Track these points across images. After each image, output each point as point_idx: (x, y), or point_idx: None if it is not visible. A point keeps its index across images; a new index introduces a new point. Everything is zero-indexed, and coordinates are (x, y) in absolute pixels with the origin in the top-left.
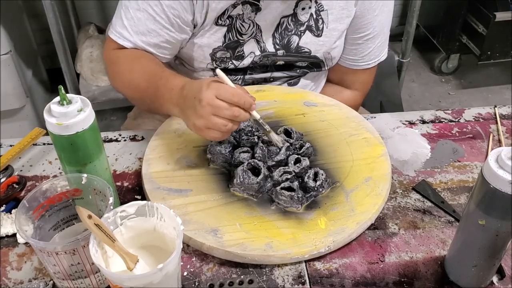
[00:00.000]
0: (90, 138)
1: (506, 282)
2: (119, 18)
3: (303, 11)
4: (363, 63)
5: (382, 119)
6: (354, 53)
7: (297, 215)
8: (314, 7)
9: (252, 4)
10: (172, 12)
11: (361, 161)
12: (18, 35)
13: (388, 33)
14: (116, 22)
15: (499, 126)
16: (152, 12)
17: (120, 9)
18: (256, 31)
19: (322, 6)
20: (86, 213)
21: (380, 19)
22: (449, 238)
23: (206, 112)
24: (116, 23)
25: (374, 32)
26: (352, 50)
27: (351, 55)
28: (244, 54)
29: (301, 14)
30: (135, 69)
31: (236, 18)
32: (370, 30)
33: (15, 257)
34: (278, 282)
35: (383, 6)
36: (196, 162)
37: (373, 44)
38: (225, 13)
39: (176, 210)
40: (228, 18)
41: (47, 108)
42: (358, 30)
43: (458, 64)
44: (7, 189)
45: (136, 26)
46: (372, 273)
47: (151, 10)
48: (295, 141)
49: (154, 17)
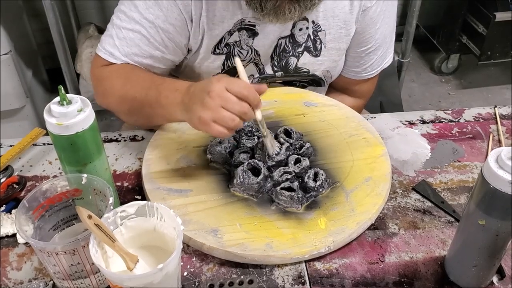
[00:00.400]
0: (90, 138)
1: (506, 282)
2: (109, 37)
3: (301, 31)
4: (366, 74)
5: (382, 119)
6: (356, 65)
7: (297, 215)
8: (311, 28)
9: (248, 30)
10: (166, 35)
11: (361, 161)
12: (18, 35)
13: (392, 40)
14: (107, 40)
15: (499, 126)
16: (146, 33)
17: (112, 28)
18: (254, 56)
19: (319, 27)
20: (86, 213)
21: (382, 31)
22: (449, 238)
23: (214, 104)
24: (107, 42)
25: (376, 44)
26: (355, 62)
27: (354, 67)
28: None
29: (298, 34)
30: (131, 81)
31: (233, 45)
32: (372, 43)
33: (15, 257)
34: (278, 282)
35: (384, 18)
36: (196, 162)
37: (376, 55)
38: (222, 41)
39: (176, 210)
40: (225, 46)
41: (47, 108)
42: (360, 44)
43: (458, 64)
44: (7, 189)
45: (128, 46)
46: (372, 273)
47: (144, 31)
48: (295, 141)
49: (148, 39)
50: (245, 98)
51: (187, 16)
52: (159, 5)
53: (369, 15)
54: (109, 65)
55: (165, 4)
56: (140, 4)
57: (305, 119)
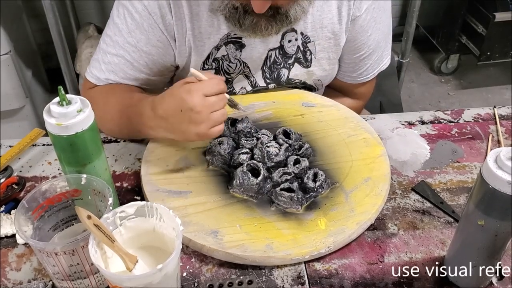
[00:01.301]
0: (90, 138)
1: (505, 282)
2: (96, 61)
3: (290, 43)
4: (362, 78)
5: (382, 120)
6: (351, 70)
7: (297, 216)
8: (300, 39)
9: (235, 42)
10: (150, 58)
11: (360, 161)
12: (18, 35)
13: (388, 43)
14: (94, 64)
15: (498, 127)
16: (129, 58)
17: (99, 52)
18: (243, 68)
19: (308, 38)
20: (85, 214)
21: (374, 37)
22: (448, 239)
23: (204, 115)
24: (94, 66)
25: (369, 50)
26: (349, 68)
27: (349, 72)
28: (235, 91)
29: (288, 46)
30: (109, 102)
31: (221, 59)
32: (365, 50)
33: (14, 258)
34: (278, 282)
35: (376, 24)
36: (195, 163)
37: (370, 60)
38: (210, 57)
39: (176, 212)
40: (214, 61)
41: (47, 109)
42: (352, 51)
43: (457, 64)
44: (7, 190)
45: (114, 71)
46: (372, 274)
47: (128, 56)
48: (294, 142)
49: (132, 63)
50: (221, 91)
51: (169, 36)
52: (140, 28)
53: (359, 24)
54: (95, 87)
55: (146, 27)
56: (123, 28)
57: (303, 120)
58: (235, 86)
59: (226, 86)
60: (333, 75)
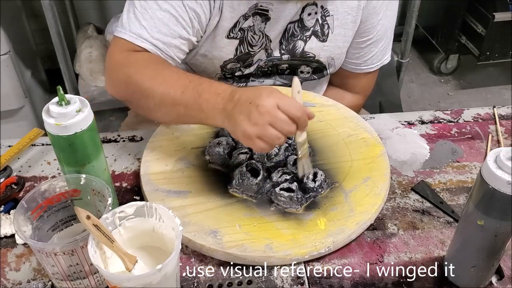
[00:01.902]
0: (89, 138)
1: (505, 282)
2: (134, 20)
3: (309, 16)
4: (366, 67)
5: (381, 120)
6: (356, 57)
7: (296, 216)
8: (320, 13)
9: (262, 15)
10: (194, 15)
11: (360, 161)
12: (17, 36)
13: (392, 37)
14: (131, 23)
15: (498, 127)
16: (175, 12)
17: (133, 9)
18: (266, 41)
19: (328, 11)
20: (84, 214)
21: (383, 23)
22: (448, 239)
23: (263, 121)
24: (131, 24)
25: (378, 36)
26: (355, 54)
27: (354, 59)
28: (252, 63)
29: (307, 19)
30: (162, 74)
31: (247, 30)
32: (374, 34)
33: (13, 258)
34: (277, 282)
35: (386, 11)
36: (194, 163)
37: (376, 48)
38: (237, 26)
39: (175, 212)
40: (239, 31)
41: (46, 109)
42: (361, 34)
43: (457, 64)
44: (6, 190)
45: (156, 27)
46: (371, 274)
47: (173, 10)
48: (294, 141)
49: (177, 18)
50: (296, 119)
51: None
52: None
53: (372, 4)
54: (135, 52)
55: None
56: None
57: None
58: (254, 59)
59: (305, 122)
60: (343, 57)
